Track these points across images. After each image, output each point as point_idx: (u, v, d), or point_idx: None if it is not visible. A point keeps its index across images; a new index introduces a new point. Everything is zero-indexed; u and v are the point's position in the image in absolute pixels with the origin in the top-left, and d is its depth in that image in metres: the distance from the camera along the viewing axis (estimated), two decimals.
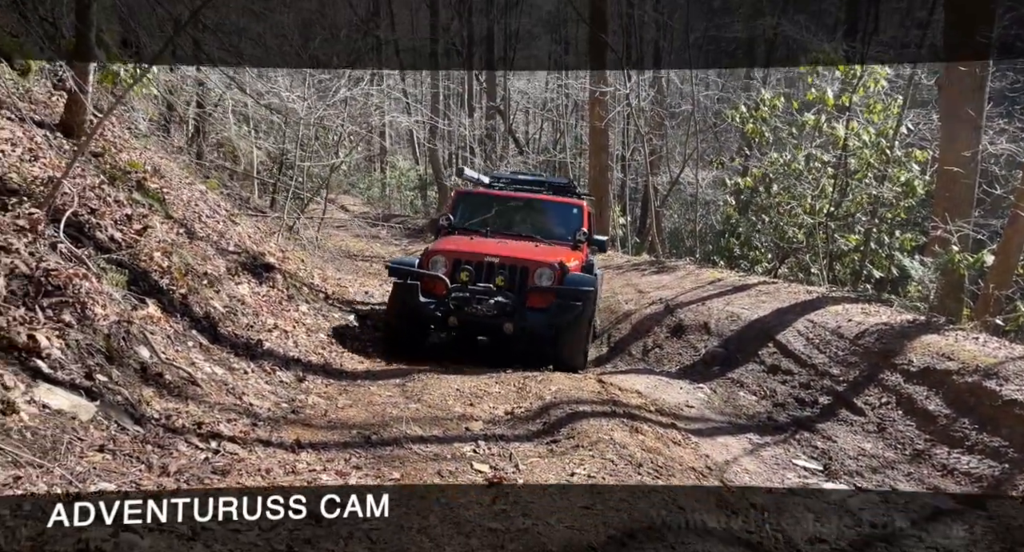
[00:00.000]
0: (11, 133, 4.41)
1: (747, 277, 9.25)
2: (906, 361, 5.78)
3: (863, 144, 10.43)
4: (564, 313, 5.90)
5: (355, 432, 3.60)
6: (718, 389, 6.22)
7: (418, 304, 5.84)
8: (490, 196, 7.42)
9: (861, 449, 4.99)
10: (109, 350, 3.06)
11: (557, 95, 20.93)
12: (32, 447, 2.28)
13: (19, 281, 2.85)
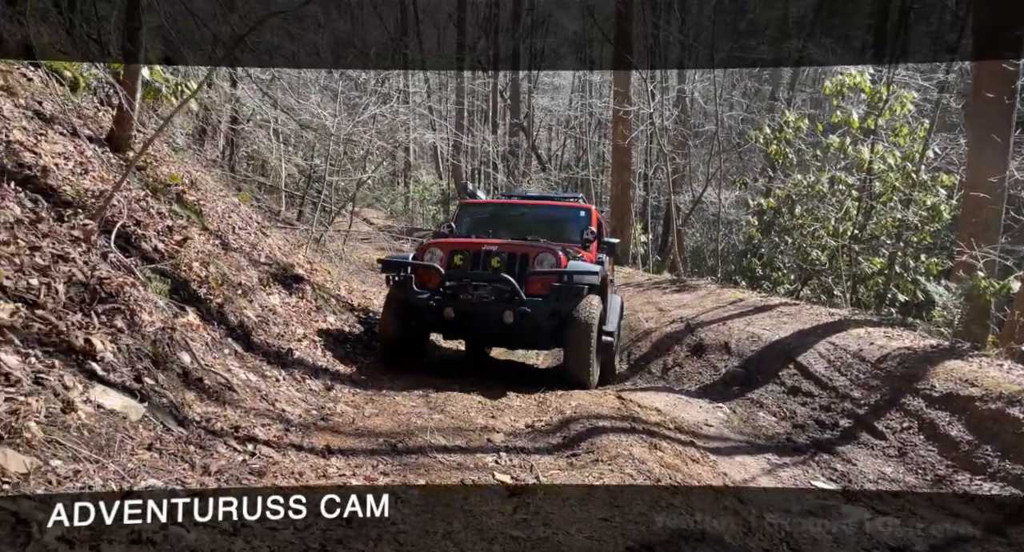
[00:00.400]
0: (64, 147, 4.68)
1: (768, 298, 9.27)
2: (928, 386, 5.79)
3: (888, 167, 10.45)
4: (566, 298, 5.44)
5: (382, 440, 3.74)
6: (737, 409, 6.27)
7: (411, 297, 5.46)
8: (494, 204, 7.40)
9: (881, 473, 5.00)
10: (155, 355, 3.25)
11: (580, 113, 21.16)
12: (89, 444, 2.46)
13: (76, 288, 3.05)
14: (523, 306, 5.33)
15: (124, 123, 5.27)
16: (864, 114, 10.85)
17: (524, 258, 5.61)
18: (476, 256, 5.61)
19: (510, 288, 5.36)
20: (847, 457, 5.27)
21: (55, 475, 2.23)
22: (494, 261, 5.48)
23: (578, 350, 5.51)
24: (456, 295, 5.41)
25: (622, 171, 14.48)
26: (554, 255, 5.61)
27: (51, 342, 2.68)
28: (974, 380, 5.58)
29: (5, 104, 4.43)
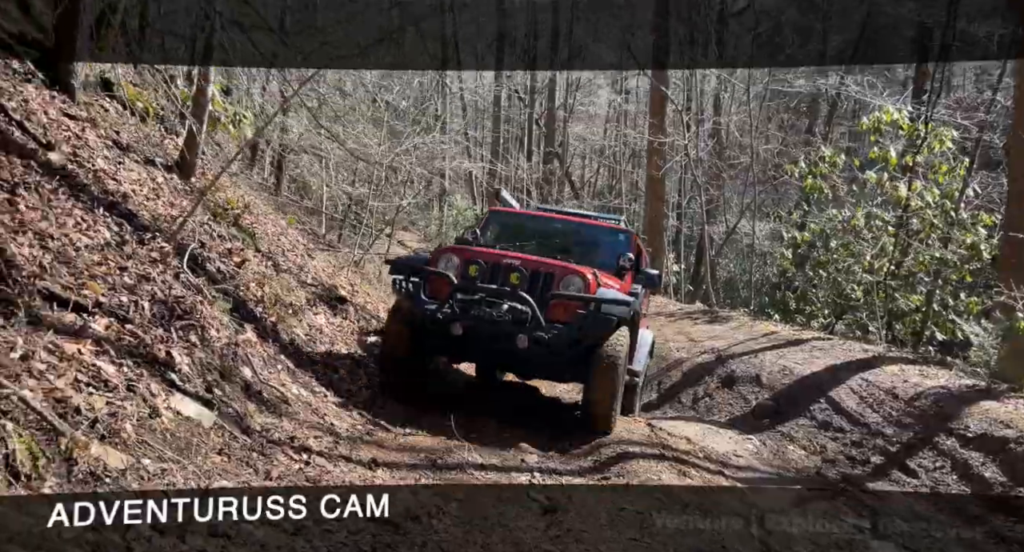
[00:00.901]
0: (138, 174, 5.12)
1: (801, 332, 9.34)
2: (963, 426, 5.83)
3: (926, 205, 10.47)
4: (592, 328, 4.73)
5: (423, 455, 3.99)
6: (767, 441, 6.37)
7: (416, 306, 4.79)
8: (525, 215, 6.73)
9: (914, 512, 5.06)
10: (222, 368, 3.57)
11: (615, 142, 21.50)
12: (171, 446, 2.76)
13: (158, 306, 3.40)
14: (539, 331, 4.65)
15: (191, 151, 5.72)
16: (902, 151, 10.93)
17: (548, 278, 4.92)
18: (494, 269, 4.92)
19: (528, 309, 4.68)
20: (879, 495, 5.32)
21: (146, 472, 2.53)
22: (513, 277, 4.79)
23: (600, 391, 4.82)
24: (466, 310, 4.71)
25: (656, 202, 14.71)
26: (583, 278, 4.90)
27: (139, 354, 3.01)
28: (1009, 422, 5.61)
29: (89, 135, 4.89)
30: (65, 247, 3.22)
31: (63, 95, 4.96)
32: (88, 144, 4.73)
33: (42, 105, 4.57)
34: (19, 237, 2.94)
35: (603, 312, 4.78)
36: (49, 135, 4.22)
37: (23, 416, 2.20)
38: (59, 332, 2.74)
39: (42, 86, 4.83)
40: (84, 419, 2.43)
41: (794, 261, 12.13)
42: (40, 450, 2.16)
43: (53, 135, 4.28)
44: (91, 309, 3.00)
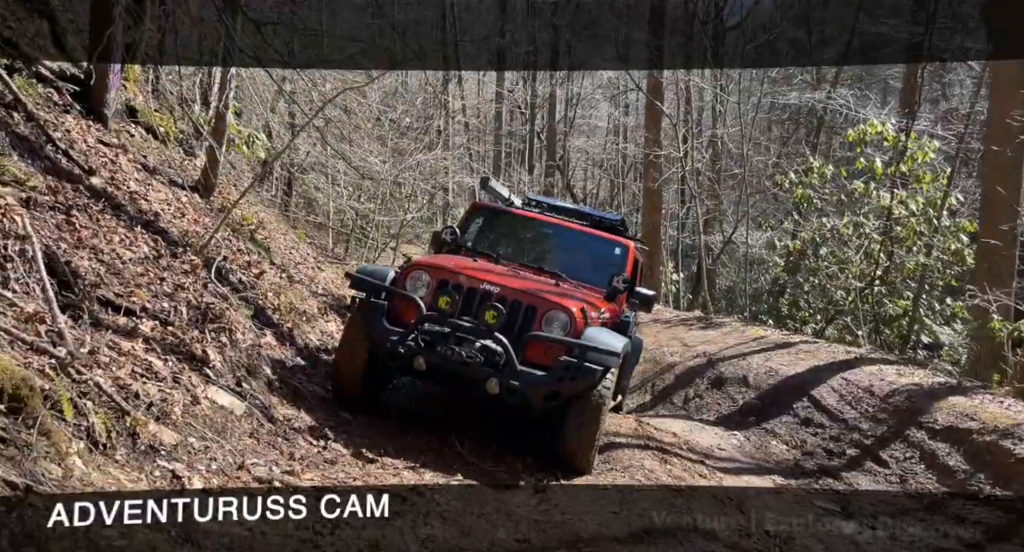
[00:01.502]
0: (165, 195, 5.65)
1: (790, 336, 9.78)
2: (932, 419, 6.26)
3: (910, 213, 10.94)
4: (573, 379, 4.22)
5: (424, 444, 4.47)
6: (751, 437, 6.81)
7: (378, 332, 4.29)
8: (513, 215, 5.99)
9: (881, 497, 5.49)
10: (248, 366, 4.07)
11: (614, 155, 22.04)
12: (211, 428, 3.26)
13: (192, 311, 3.91)
14: (513, 379, 4.17)
15: (211, 172, 6.26)
16: (887, 161, 11.42)
17: (530, 311, 4.43)
18: (471, 295, 4.42)
19: (503, 353, 4.21)
20: (850, 482, 5.76)
21: (192, 448, 3.02)
22: (489, 316, 4.24)
23: (579, 432, 4.32)
24: (433, 345, 4.23)
25: (653, 213, 15.21)
26: (568, 315, 4.41)
27: (180, 351, 3.51)
28: (973, 414, 6.05)
29: (122, 160, 5.43)
30: (114, 260, 3.74)
31: (98, 124, 5.51)
32: (122, 168, 5.27)
33: (81, 134, 5.12)
34: (79, 252, 3.45)
35: (588, 361, 4.22)
36: (90, 161, 4.76)
37: (97, 398, 2.70)
38: (115, 332, 3.24)
39: (79, 116, 5.37)
40: (142, 403, 2.93)
41: (786, 269, 12.59)
42: (112, 425, 2.66)
43: (93, 161, 4.82)
44: (139, 313, 3.51)
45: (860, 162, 11.78)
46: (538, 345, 4.37)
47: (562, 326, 4.42)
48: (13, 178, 3.48)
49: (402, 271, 4.70)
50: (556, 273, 5.19)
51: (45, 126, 4.39)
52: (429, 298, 4.43)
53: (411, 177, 11.90)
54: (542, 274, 5.17)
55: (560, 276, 5.15)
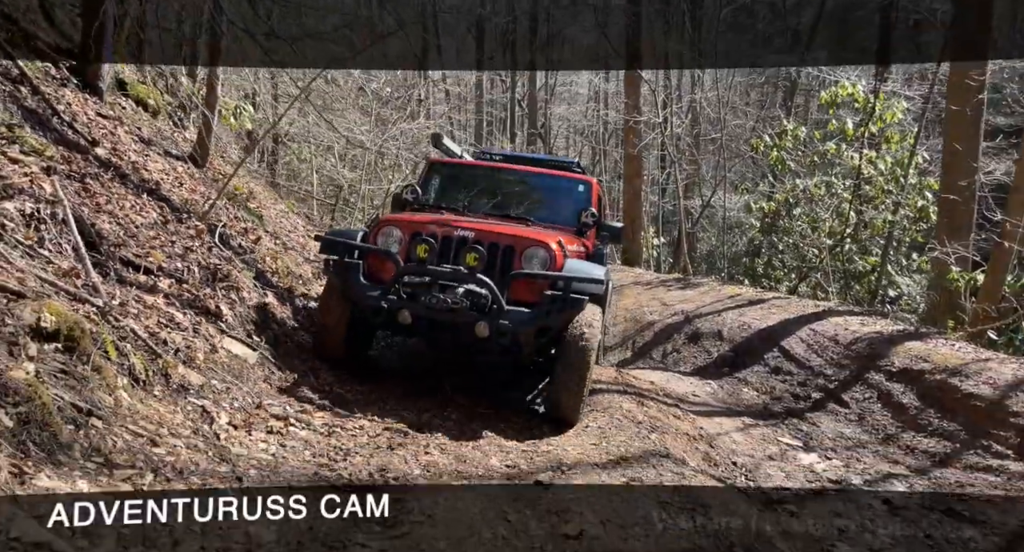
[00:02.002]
0: (162, 165, 5.90)
1: (763, 293, 10.27)
2: (889, 363, 6.78)
3: (879, 172, 11.40)
4: (561, 311, 4.25)
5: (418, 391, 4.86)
6: (724, 385, 7.30)
7: (357, 291, 4.27)
8: (471, 167, 6.02)
9: (840, 433, 6.01)
10: (256, 321, 4.42)
11: (595, 122, 22.24)
12: (229, 373, 3.62)
13: (203, 271, 4.23)
14: (502, 318, 4.16)
15: (204, 142, 6.49)
16: (858, 122, 11.82)
17: (508, 252, 4.43)
18: (446, 243, 4.40)
19: (488, 295, 4.21)
20: (813, 421, 6.27)
21: (216, 389, 3.38)
22: (470, 258, 4.24)
23: (568, 380, 4.32)
24: (415, 296, 4.22)
25: (633, 179, 15.54)
26: (547, 250, 4.44)
27: (196, 306, 3.85)
28: (926, 357, 6.56)
29: (119, 132, 5.66)
30: (129, 224, 4.04)
31: (94, 97, 5.72)
32: (120, 139, 5.51)
33: (80, 107, 5.34)
34: (100, 216, 3.75)
35: (573, 291, 4.25)
36: (92, 133, 5.00)
37: (133, 342, 3.04)
38: (139, 288, 3.57)
39: (76, 89, 5.58)
40: (170, 348, 3.27)
41: (762, 230, 13.05)
42: (148, 366, 3.01)
43: (95, 133, 5.06)
44: (156, 272, 3.83)
45: (832, 124, 12.19)
46: (521, 283, 4.36)
47: (542, 261, 4.43)
48: (32, 149, 3.75)
49: (372, 229, 4.65)
50: (523, 217, 5.25)
51: (50, 100, 4.62)
52: (403, 252, 4.43)
53: (394, 147, 12.10)
54: (511, 220, 5.17)
55: (528, 220, 5.21)
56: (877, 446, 5.73)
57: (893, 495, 4.62)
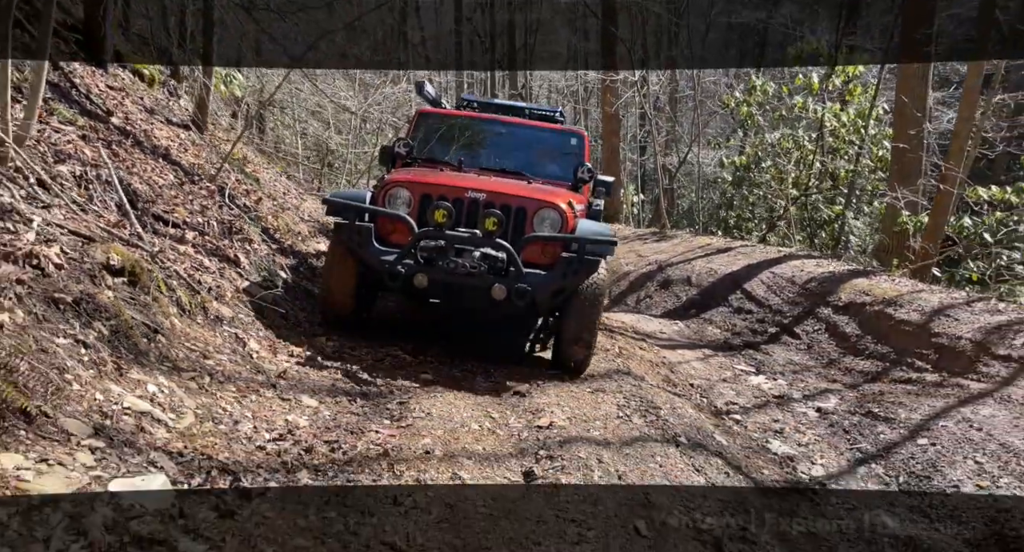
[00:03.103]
0: (167, 132, 6.42)
1: (731, 242, 11.00)
2: (836, 298, 7.55)
3: (841, 124, 12.03)
4: (577, 272, 4.32)
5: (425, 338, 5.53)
6: (691, 325, 8.05)
7: (371, 255, 4.27)
8: (464, 119, 5.95)
9: (789, 360, 6.79)
10: (268, 269, 5.04)
11: (575, 81, 22.57)
12: (250, 309, 4.25)
13: (220, 225, 4.83)
14: (520, 282, 4.21)
15: (203, 110, 6.99)
16: (822, 76, 12.40)
17: (520, 214, 4.49)
18: (457, 205, 4.39)
19: (504, 259, 4.27)
20: (767, 352, 7.05)
21: (243, 321, 4.03)
22: (489, 223, 4.21)
23: (580, 333, 4.46)
24: (431, 260, 4.24)
25: (611, 137, 16.07)
26: (559, 212, 4.51)
27: (218, 254, 4.46)
28: (869, 291, 7.33)
29: (126, 102, 6.15)
30: (154, 185, 4.61)
31: (100, 69, 6.19)
32: (129, 109, 6.01)
33: (91, 79, 5.83)
34: (132, 177, 4.32)
35: (588, 253, 4.33)
36: (106, 104, 5.52)
37: (177, 280, 3.67)
38: (171, 238, 4.18)
39: (84, 62, 6.05)
40: (203, 287, 3.91)
41: (733, 183, 13.72)
42: (190, 300, 3.65)
43: (108, 104, 5.58)
44: (182, 225, 4.43)
45: (799, 78, 12.76)
46: (535, 245, 4.42)
47: (553, 224, 4.50)
48: (66, 119, 4.29)
49: (379, 190, 4.62)
50: (519, 172, 5.30)
51: (68, 75, 5.12)
52: (415, 214, 4.43)
53: (377, 111, 12.54)
54: (507, 175, 5.21)
55: (524, 175, 5.25)
56: (820, 369, 6.51)
57: (823, 405, 5.42)
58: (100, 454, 2.17)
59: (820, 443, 4.66)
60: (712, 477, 3.56)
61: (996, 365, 5.31)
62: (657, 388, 4.93)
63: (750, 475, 3.90)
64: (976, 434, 4.30)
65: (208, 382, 3.04)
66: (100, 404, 2.38)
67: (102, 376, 2.52)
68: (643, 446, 3.59)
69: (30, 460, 1.97)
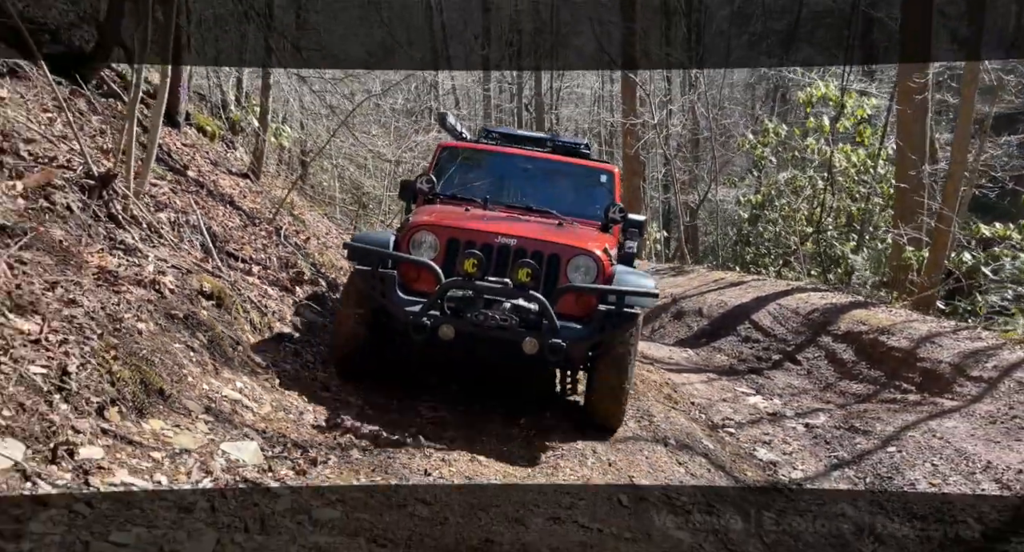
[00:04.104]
0: (230, 181, 7.44)
1: (743, 276, 11.63)
2: (836, 328, 8.13)
3: (851, 164, 12.70)
4: (615, 326, 4.04)
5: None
6: (701, 352, 8.69)
7: (395, 306, 4.02)
8: (489, 153, 5.64)
9: (788, 383, 7.38)
10: (319, 299, 5.92)
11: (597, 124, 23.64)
12: (306, 331, 5.11)
13: (279, 261, 5.74)
14: (555, 337, 3.89)
15: (258, 161, 8.03)
16: (832, 119, 13.14)
17: (553, 261, 4.22)
18: (486, 252, 4.15)
19: (537, 311, 3.95)
20: (769, 376, 7.64)
21: (301, 339, 4.88)
22: (521, 274, 3.94)
23: (611, 386, 4.15)
24: (459, 311, 3.96)
25: (632, 177, 16.90)
26: (594, 260, 4.24)
27: (278, 285, 5.35)
28: (866, 321, 7.91)
29: (197, 156, 7.20)
30: (225, 227, 5.55)
31: (175, 129, 7.27)
32: (199, 163, 7.05)
33: (170, 138, 6.89)
34: (211, 221, 5.27)
35: (626, 306, 4.02)
36: (183, 160, 6.55)
37: (250, 304, 4.54)
38: (241, 272, 5.08)
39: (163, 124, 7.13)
40: (269, 311, 4.77)
41: (749, 220, 14.40)
42: (259, 321, 4.51)
43: (184, 160, 6.61)
44: (249, 260, 5.34)
45: (810, 121, 13.52)
46: (569, 295, 4.13)
47: (588, 271, 4.22)
48: (159, 175, 5.27)
49: (403, 234, 4.36)
50: (547, 211, 5.00)
51: None
52: (440, 260, 4.17)
53: (411, 156, 13.63)
54: (533, 214, 4.96)
55: (551, 213, 4.96)
56: (817, 392, 7.09)
57: (812, 421, 6.01)
58: (211, 425, 2.99)
59: (803, 452, 5.27)
60: (694, 471, 4.23)
61: (969, 385, 5.86)
62: (656, 402, 5.61)
63: (732, 474, 4.55)
64: (937, 442, 4.88)
65: (278, 383, 3.87)
66: (207, 392, 3.21)
67: (205, 373, 3.36)
68: (634, 443, 4.28)
69: (168, 425, 2.80)
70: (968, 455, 4.60)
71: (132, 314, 3.10)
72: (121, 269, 3.41)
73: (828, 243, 12.81)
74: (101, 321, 2.91)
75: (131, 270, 3.51)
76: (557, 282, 4.21)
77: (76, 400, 2.40)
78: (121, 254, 3.57)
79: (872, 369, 7.12)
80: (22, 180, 3.30)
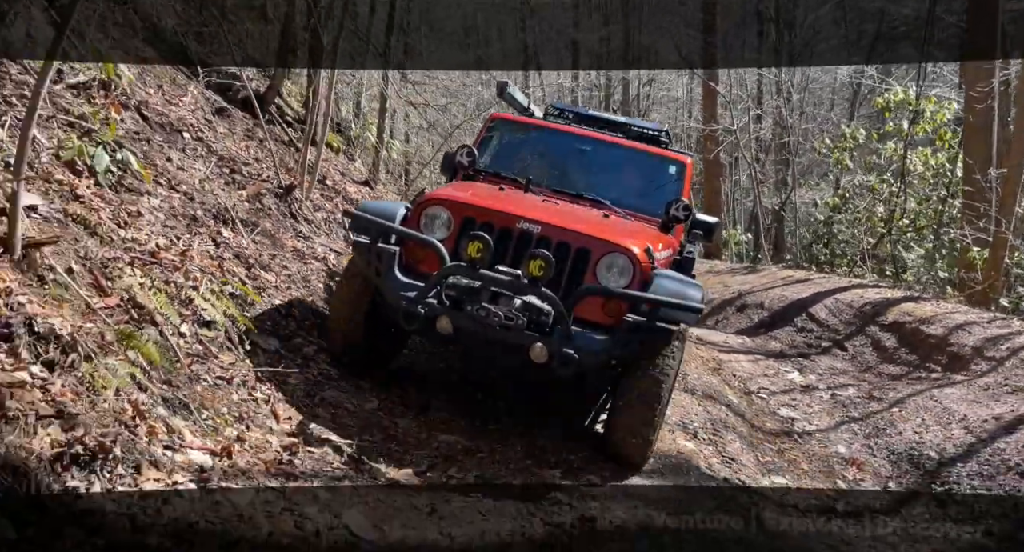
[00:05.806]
0: (355, 189, 9.29)
1: (810, 274, 12.46)
2: (884, 319, 8.99)
3: (928, 168, 13.20)
4: (643, 342, 3.53)
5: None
6: (756, 339, 9.74)
7: (389, 287, 3.61)
8: (541, 129, 5.14)
9: (831, 366, 8.36)
10: None
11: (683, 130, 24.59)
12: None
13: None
14: (567, 347, 3.42)
15: (375, 171, 9.88)
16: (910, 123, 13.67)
17: (582, 256, 3.72)
18: (503, 237, 3.69)
19: (550, 312, 3.46)
20: (814, 360, 8.63)
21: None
22: (534, 266, 3.41)
23: (634, 417, 3.61)
24: (460, 302, 3.51)
25: (712, 180, 17.87)
26: (630, 259, 3.69)
27: None
28: (912, 313, 8.74)
29: (330, 168, 9.09)
30: None
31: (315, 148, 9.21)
32: (331, 173, 8.95)
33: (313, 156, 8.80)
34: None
35: (661, 319, 3.46)
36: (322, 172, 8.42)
37: None
38: None
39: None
40: None
41: (825, 222, 15.08)
42: None
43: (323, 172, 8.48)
44: None
45: (889, 126, 14.08)
46: (594, 299, 3.58)
47: (622, 272, 3.68)
48: None
49: (414, 208, 3.89)
50: (599, 200, 4.51)
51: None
52: (452, 241, 3.69)
53: None
54: (582, 202, 4.49)
55: (604, 204, 4.48)
56: (856, 373, 8.05)
57: (840, 393, 7.06)
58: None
59: (821, 413, 6.40)
60: (713, 413, 5.51)
61: (983, 364, 6.73)
62: (695, 370, 6.87)
63: (751, 423, 5.80)
64: (932, 404, 5.89)
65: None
66: None
67: None
68: None
69: None
70: (952, 412, 5.61)
71: (315, 276, 4.81)
72: (304, 249, 5.15)
73: (905, 244, 13.35)
74: (298, 279, 4.63)
75: (309, 250, 5.25)
76: (582, 281, 3.67)
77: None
78: (302, 240, 5.32)
79: (910, 354, 8.00)
80: (245, 190, 5.09)
